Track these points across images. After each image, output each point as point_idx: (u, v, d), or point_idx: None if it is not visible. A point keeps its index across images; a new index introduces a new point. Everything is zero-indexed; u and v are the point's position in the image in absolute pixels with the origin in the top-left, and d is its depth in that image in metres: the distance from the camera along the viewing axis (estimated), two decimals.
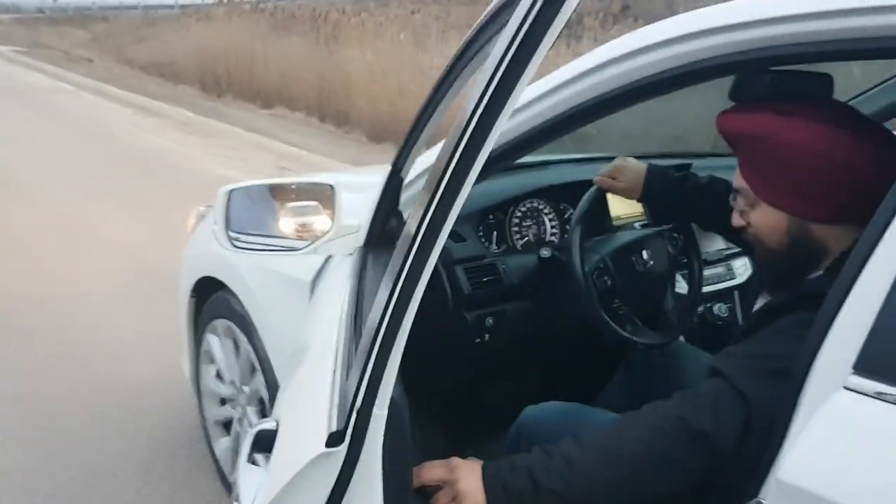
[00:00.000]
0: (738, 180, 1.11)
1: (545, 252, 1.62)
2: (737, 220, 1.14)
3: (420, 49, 8.36)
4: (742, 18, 1.02)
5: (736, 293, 1.98)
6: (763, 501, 0.89)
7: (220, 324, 2.08)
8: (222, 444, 2.21)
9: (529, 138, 1.29)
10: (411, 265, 0.74)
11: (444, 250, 1.58)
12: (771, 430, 0.91)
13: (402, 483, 0.84)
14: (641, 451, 1.01)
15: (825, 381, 0.83)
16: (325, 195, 1.42)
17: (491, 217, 1.76)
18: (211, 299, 2.12)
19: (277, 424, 0.93)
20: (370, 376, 0.73)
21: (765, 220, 1.09)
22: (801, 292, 1.08)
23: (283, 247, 1.45)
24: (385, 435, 0.76)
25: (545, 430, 1.29)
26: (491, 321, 1.61)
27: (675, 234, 1.71)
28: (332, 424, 0.78)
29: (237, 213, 1.39)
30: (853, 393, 0.80)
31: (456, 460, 1.04)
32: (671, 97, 1.22)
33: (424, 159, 1.41)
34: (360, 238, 1.45)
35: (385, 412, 0.76)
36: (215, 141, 7.66)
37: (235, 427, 2.12)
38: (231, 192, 1.37)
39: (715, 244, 1.95)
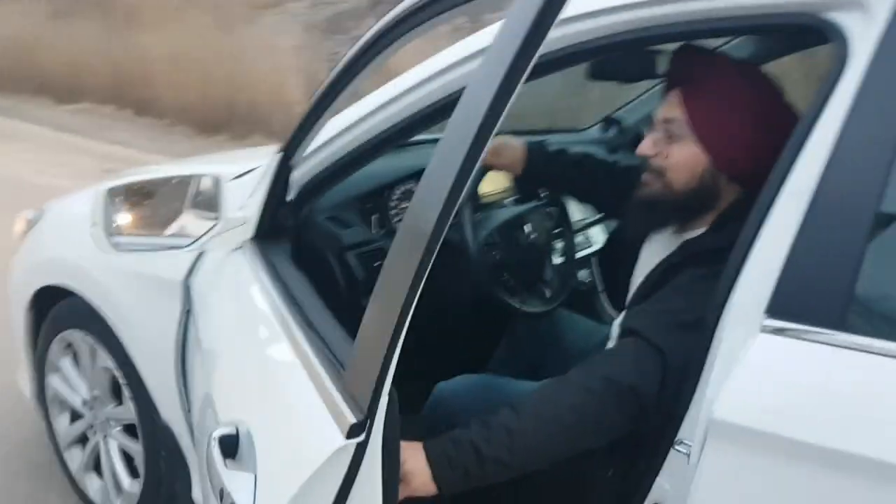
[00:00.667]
0: (669, 111, 1.18)
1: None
2: (647, 148, 1.20)
3: (225, 33, 7.98)
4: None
5: (593, 259, 2.11)
6: (687, 442, 0.99)
7: (70, 335, 1.91)
8: (76, 457, 2.06)
9: (417, 121, 1.32)
10: (422, 260, 0.76)
11: (333, 237, 1.58)
12: (686, 377, 1.00)
13: (396, 462, 0.87)
14: (575, 413, 1.07)
15: (740, 326, 0.93)
16: (205, 183, 1.35)
17: (369, 202, 1.76)
18: (55, 310, 1.94)
19: (238, 429, 0.88)
20: (382, 368, 0.73)
21: (683, 155, 1.17)
22: (689, 251, 1.19)
23: (167, 245, 1.35)
24: (385, 420, 0.76)
25: (461, 403, 1.33)
26: None
27: (549, 208, 1.79)
28: (348, 418, 0.76)
29: (115, 213, 1.28)
30: (768, 334, 0.89)
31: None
32: None
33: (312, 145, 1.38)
34: (248, 231, 1.40)
35: (387, 399, 0.76)
36: (21, 145, 6.70)
37: (93, 439, 1.99)
38: (110, 190, 1.26)
39: (574, 215, 2.07)
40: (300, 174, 1.40)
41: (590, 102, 2.48)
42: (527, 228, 1.64)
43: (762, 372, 0.89)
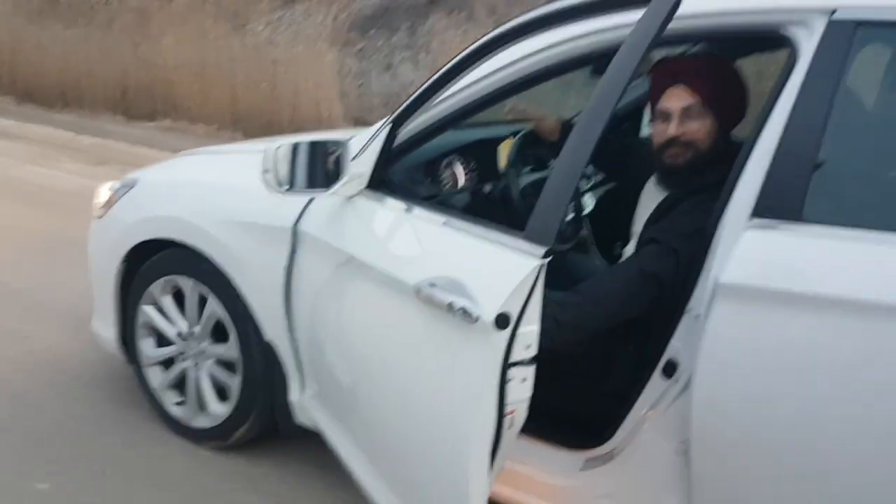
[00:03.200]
0: (682, 101, 1.72)
1: (487, 187, 2.16)
2: (674, 130, 1.74)
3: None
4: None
5: (585, 219, 2.65)
6: (696, 309, 1.51)
7: (178, 280, 2.32)
8: (157, 376, 2.47)
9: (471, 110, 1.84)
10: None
11: (411, 191, 2.05)
12: (694, 266, 1.53)
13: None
14: (620, 290, 1.62)
15: (734, 225, 1.45)
16: (335, 148, 1.81)
17: (427, 169, 2.26)
18: (160, 257, 2.34)
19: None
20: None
21: (705, 127, 1.73)
22: (692, 187, 1.74)
23: (314, 191, 1.82)
24: None
25: None
26: None
27: None
28: (537, 250, 1.27)
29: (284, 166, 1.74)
30: (753, 229, 1.43)
31: None
32: None
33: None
34: (361, 182, 1.86)
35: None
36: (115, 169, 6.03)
37: (181, 364, 2.40)
38: (277, 149, 1.72)
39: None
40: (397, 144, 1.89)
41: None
42: None
43: (750, 252, 1.42)
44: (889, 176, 1.50)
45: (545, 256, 1.25)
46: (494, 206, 2.20)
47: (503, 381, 1.28)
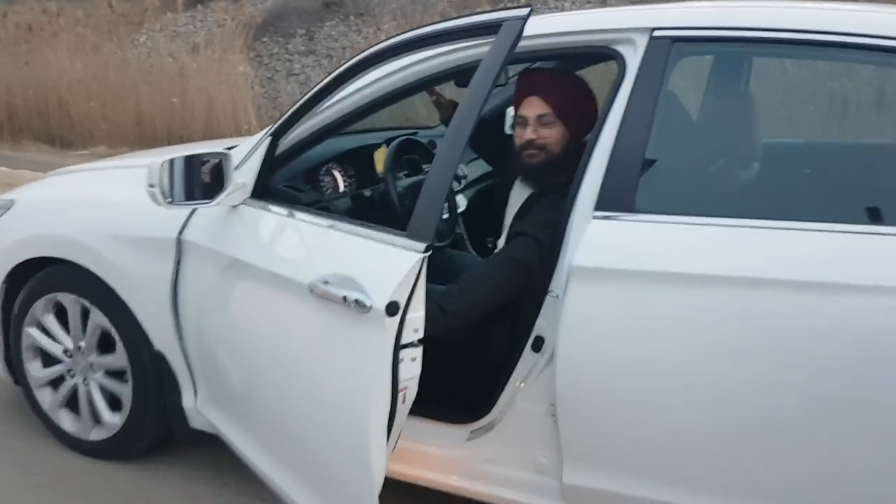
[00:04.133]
0: (538, 110, 1.95)
1: (366, 191, 2.32)
2: (528, 135, 1.97)
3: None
4: None
5: (460, 217, 2.87)
6: (555, 291, 1.74)
7: (60, 297, 2.33)
8: (48, 397, 2.47)
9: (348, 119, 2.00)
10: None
11: (294, 198, 2.18)
12: (553, 253, 1.76)
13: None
14: (495, 277, 1.83)
15: (581, 218, 1.70)
16: (218, 159, 1.92)
17: (309, 175, 2.39)
18: (41, 276, 2.35)
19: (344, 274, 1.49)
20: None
21: (556, 134, 1.97)
22: (548, 185, 1.97)
23: (200, 202, 1.90)
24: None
25: None
26: None
27: None
28: (419, 246, 1.44)
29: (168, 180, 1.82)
30: (596, 220, 1.67)
31: None
32: None
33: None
34: (244, 192, 1.98)
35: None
36: None
37: (71, 381, 2.42)
38: (164, 164, 1.80)
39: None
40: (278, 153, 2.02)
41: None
42: None
43: (595, 239, 1.67)
44: (705, 169, 1.79)
45: (426, 251, 1.43)
46: (375, 209, 2.38)
47: (395, 362, 1.46)
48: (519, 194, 2.10)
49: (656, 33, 1.73)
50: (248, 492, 2.20)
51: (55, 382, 2.47)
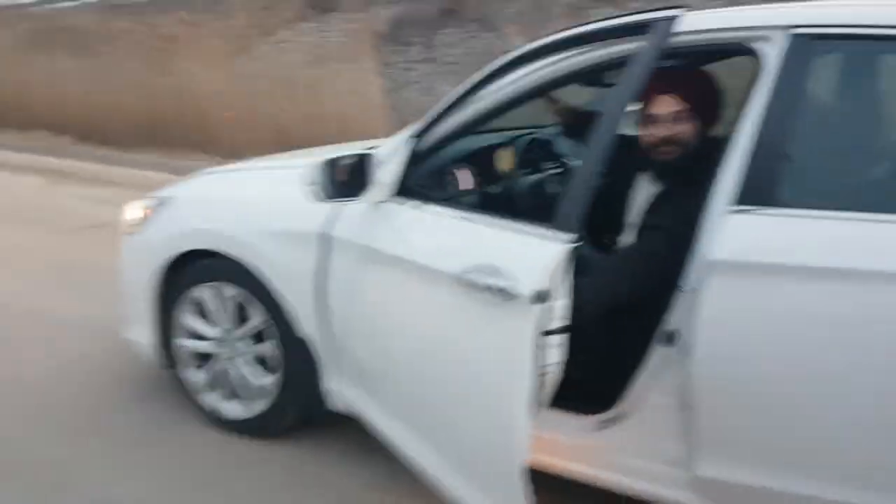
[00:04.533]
0: (671, 107, 2.02)
1: (494, 189, 2.43)
2: (662, 132, 2.04)
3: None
4: None
5: None
6: (690, 286, 1.77)
7: (218, 286, 2.55)
8: (195, 376, 2.70)
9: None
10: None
11: (427, 195, 2.30)
12: (686, 249, 1.79)
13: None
14: (628, 270, 1.93)
15: (721, 211, 1.72)
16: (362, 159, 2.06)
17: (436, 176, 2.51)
18: (199, 266, 2.57)
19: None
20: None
21: (690, 129, 2.02)
22: (685, 180, 2.01)
23: (349, 199, 2.06)
24: None
25: None
26: None
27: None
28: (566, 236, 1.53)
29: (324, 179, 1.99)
30: (736, 214, 1.70)
31: None
32: None
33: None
34: (389, 189, 2.11)
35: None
36: None
37: (219, 363, 2.63)
38: (321, 164, 1.97)
39: None
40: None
41: None
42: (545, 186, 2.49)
43: (734, 232, 1.69)
44: (844, 164, 1.78)
45: (572, 242, 1.51)
46: (502, 205, 2.48)
47: (538, 348, 1.54)
48: (646, 190, 2.14)
49: (796, 31, 1.74)
50: (383, 474, 2.34)
51: (205, 364, 2.69)
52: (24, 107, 9.32)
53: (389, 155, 2.11)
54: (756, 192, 1.70)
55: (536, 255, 1.55)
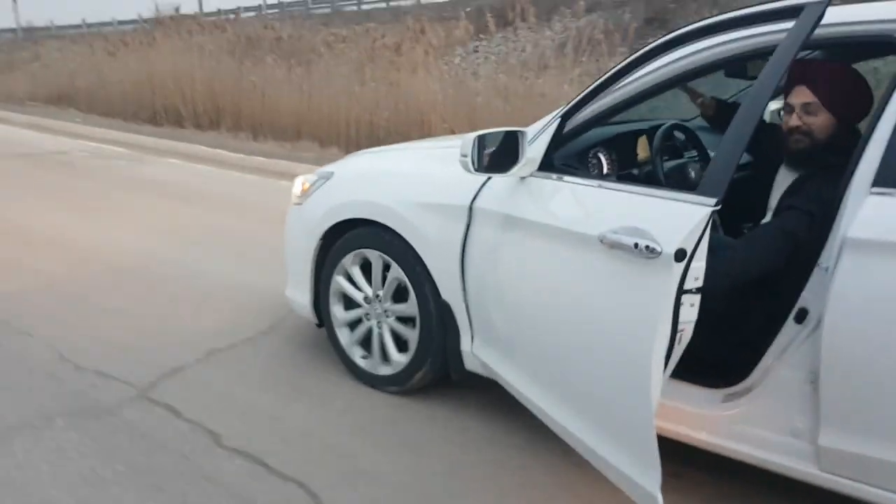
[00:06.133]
0: (804, 98, 2.10)
1: (634, 171, 2.57)
2: (794, 122, 2.12)
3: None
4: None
5: None
6: (825, 264, 1.84)
7: (366, 253, 2.81)
8: (346, 335, 2.98)
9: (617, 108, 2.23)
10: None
11: (569, 174, 2.46)
12: (825, 228, 1.86)
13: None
14: (764, 244, 2.00)
15: (858, 194, 1.79)
16: (515, 138, 2.24)
17: (576, 158, 2.67)
18: (352, 234, 2.84)
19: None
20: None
21: (821, 121, 2.10)
22: (814, 167, 2.08)
23: (498, 172, 2.25)
24: None
25: None
26: None
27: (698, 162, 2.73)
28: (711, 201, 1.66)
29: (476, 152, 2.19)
30: (874, 195, 1.76)
31: None
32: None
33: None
34: (534, 165, 2.28)
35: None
36: None
37: (366, 324, 2.90)
38: (474, 138, 2.17)
39: None
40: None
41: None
42: (689, 171, 2.58)
43: (872, 213, 1.76)
44: None
45: (716, 205, 1.63)
46: (644, 183, 2.62)
47: (677, 305, 1.67)
48: (786, 176, 2.22)
49: None
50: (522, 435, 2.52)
51: (353, 324, 2.95)
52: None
53: (538, 133, 2.29)
54: (895, 176, 1.76)
55: (679, 217, 1.67)
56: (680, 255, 1.63)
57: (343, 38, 11.72)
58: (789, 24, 1.67)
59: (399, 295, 2.77)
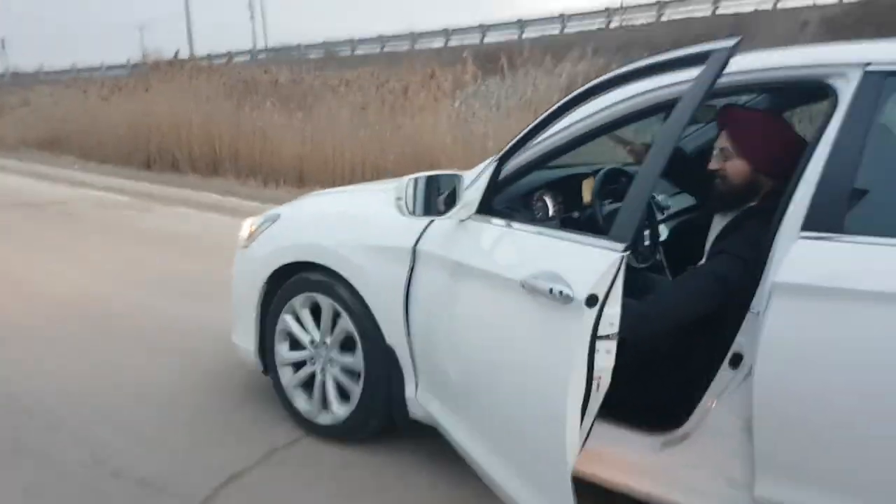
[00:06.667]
0: (722, 143, 2.12)
1: (575, 215, 2.55)
2: (713, 165, 2.14)
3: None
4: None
5: (660, 246, 2.99)
6: (756, 309, 1.82)
7: (316, 297, 2.76)
8: (288, 375, 2.91)
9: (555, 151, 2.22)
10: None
11: (511, 216, 2.44)
12: (756, 273, 1.84)
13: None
14: (694, 289, 1.97)
15: (787, 238, 1.78)
16: (453, 181, 2.23)
17: (522, 200, 2.65)
18: (300, 277, 2.79)
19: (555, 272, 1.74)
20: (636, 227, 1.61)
21: (737, 167, 2.11)
22: (748, 213, 2.07)
23: (436, 215, 2.24)
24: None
25: None
26: None
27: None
28: (619, 246, 1.64)
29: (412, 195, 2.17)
30: (803, 239, 1.75)
31: None
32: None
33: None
34: (471, 208, 2.26)
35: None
36: None
37: (310, 367, 2.83)
38: (409, 181, 2.15)
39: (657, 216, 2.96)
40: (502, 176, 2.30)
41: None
42: None
43: (800, 256, 1.74)
44: None
45: (624, 251, 1.62)
46: (581, 230, 2.61)
47: (592, 352, 1.64)
48: (721, 221, 2.21)
49: (870, 68, 1.80)
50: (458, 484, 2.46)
51: (297, 366, 2.89)
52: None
53: (477, 176, 2.28)
54: (824, 219, 1.75)
55: (592, 263, 1.66)
56: (591, 300, 1.61)
57: (346, 81, 11.80)
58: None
59: (347, 345, 2.73)
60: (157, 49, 16.84)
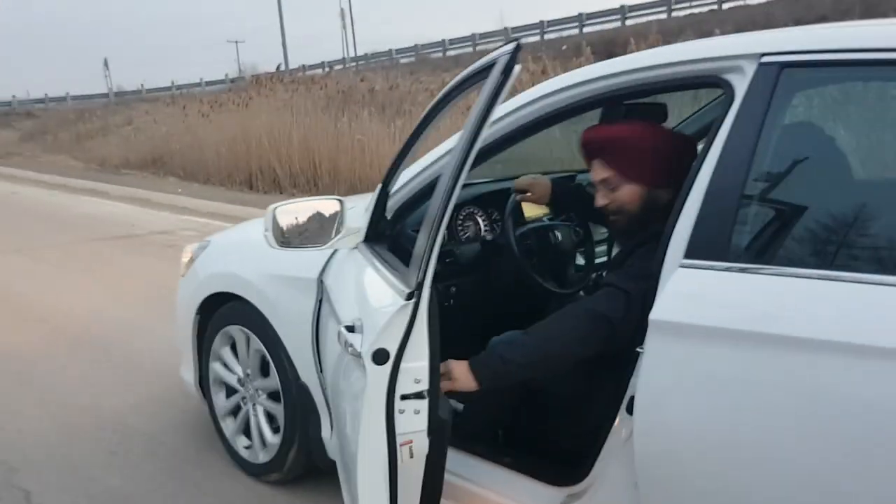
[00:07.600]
0: (598, 174, 1.83)
1: (488, 237, 2.31)
2: (601, 201, 1.85)
3: None
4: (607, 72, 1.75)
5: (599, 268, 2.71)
6: (640, 349, 1.55)
7: (230, 329, 2.62)
8: (230, 425, 2.76)
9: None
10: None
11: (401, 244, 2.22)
12: (644, 307, 1.57)
13: (435, 318, 1.46)
14: (568, 330, 1.69)
15: (671, 267, 1.50)
16: (334, 208, 2.03)
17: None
18: (220, 311, 2.66)
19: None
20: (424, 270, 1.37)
21: (628, 193, 1.81)
22: (643, 237, 1.78)
23: (312, 245, 2.03)
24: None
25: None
26: (453, 290, 2.28)
27: (578, 228, 2.44)
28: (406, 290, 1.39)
29: (281, 225, 1.98)
30: (682, 269, 1.48)
31: (450, 361, 1.68)
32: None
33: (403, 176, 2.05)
34: (360, 236, 2.06)
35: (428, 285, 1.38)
36: None
37: (245, 408, 2.69)
38: (270, 210, 1.96)
39: (599, 233, 2.68)
40: (394, 201, 2.08)
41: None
42: (556, 235, 2.30)
43: (677, 290, 1.47)
44: (806, 217, 1.51)
45: (408, 298, 1.38)
46: (493, 255, 2.39)
47: (391, 413, 1.41)
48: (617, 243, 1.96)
49: (765, 59, 1.51)
50: None
51: (235, 412, 2.75)
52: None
53: (366, 202, 2.08)
54: (707, 245, 1.47)
55: (383, 310, 1.43)
56: (379, 356, 1.37)
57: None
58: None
59: (265, 369, 2.57)
60: (252, 63, 17.13)
